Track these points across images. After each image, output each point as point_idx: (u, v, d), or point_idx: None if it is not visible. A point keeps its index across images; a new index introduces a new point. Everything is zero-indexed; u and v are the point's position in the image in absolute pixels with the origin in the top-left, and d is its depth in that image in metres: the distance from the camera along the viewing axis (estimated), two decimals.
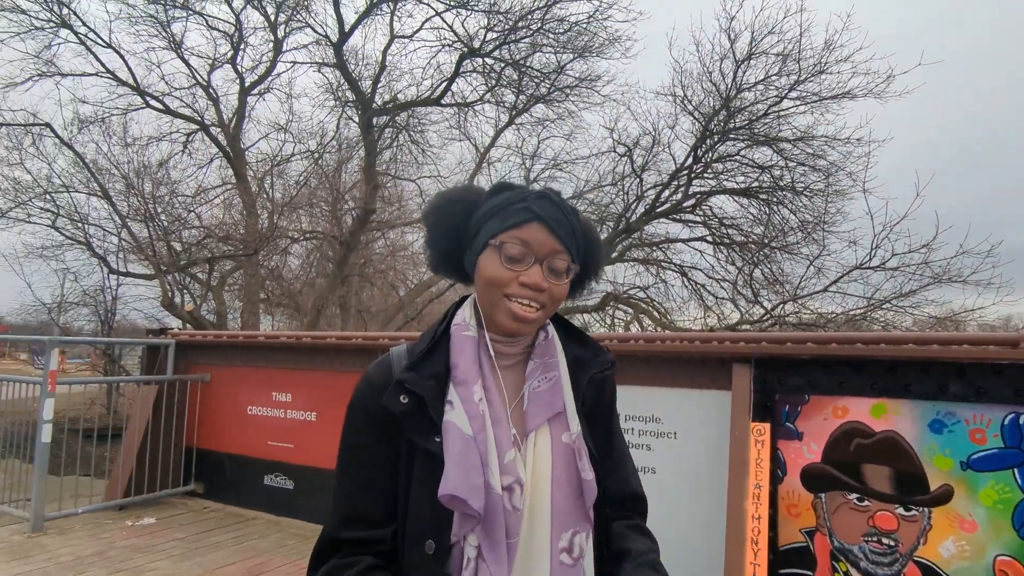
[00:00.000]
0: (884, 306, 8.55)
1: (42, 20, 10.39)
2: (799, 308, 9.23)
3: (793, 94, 9.24)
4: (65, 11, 10.47)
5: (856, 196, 9.01)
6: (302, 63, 12.24)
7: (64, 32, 10.63)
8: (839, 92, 9.02)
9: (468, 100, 12.14)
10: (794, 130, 9.33)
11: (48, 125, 10.92)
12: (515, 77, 11.53)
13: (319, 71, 12.18)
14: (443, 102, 11.75)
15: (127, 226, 11.07)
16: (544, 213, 0.95)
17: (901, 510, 3.22)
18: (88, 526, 4.74)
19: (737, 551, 3.25)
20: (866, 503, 3.33)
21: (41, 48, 10.72)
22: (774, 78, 9.33)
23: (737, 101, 9.48)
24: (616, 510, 1.06)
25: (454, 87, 11.68)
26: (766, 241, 9.92)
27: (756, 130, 9.50)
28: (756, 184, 9.98)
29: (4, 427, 5.59)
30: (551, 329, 1.05)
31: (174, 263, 11.03)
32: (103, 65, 11.19)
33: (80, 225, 11.43)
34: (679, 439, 3.88)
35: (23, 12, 10.16)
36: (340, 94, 12.46)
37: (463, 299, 1.06)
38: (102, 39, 11.00)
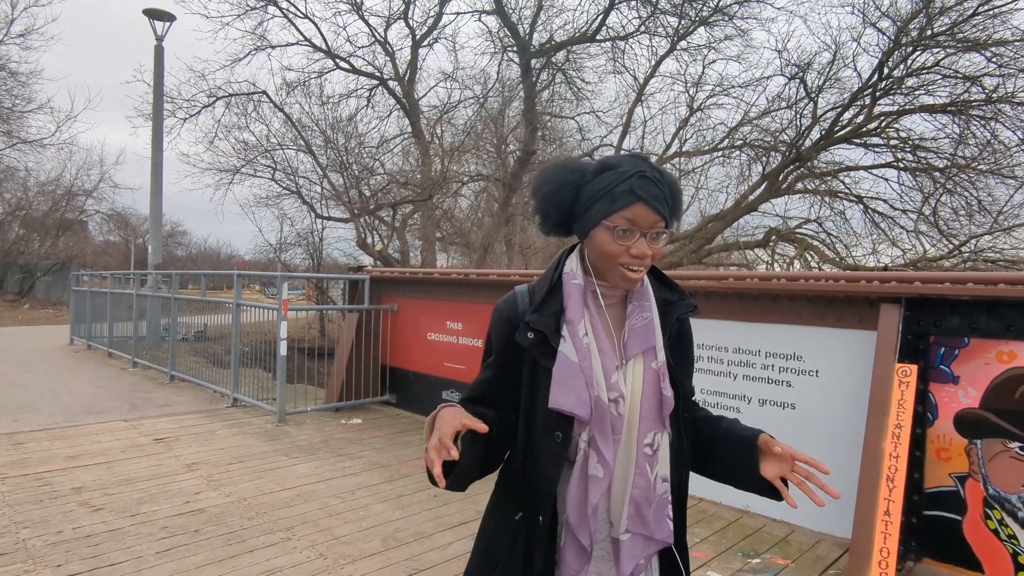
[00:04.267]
0: None
1: (254, 0, 12.10)
2: (995, 240, 7.94)
3: None
4: None
5: None
6: (464, 12, 12.76)
7: (272, 9, 12.29)
8: None
9: (625, 32, 11.84)
10: (1014, 29, 7.80)
11: (264, 92, 12.90)
12: (677, 1, 10.97)
13: (480, 20, 12.64)
14: (598, 38, 11.60)
15: (327, 176, 12.84)
16: (645, 194, 1.14)
17: None
18: (315, 421, 6.07)
19: (871, 487, 3.32)
20: None
21: (255, 25, 12.57)
22: None
23: (939, 0, 8.11)
24: (696, 407, 1.42)
25: (608, 21, 11.46)
26: (972, 164, 8.58)
27: (962, 34, 8.09)
28: (962, 98, 8.58)
29: (251, 344, 7.17)
30: (645, 277, 1.33)
31: (365, 207, 12.62)
32: (302, 34, 12.81)
33: (292, 177, 13.50)
34: (821, 377, 3.91)
35: None
36: (502, 35, 12.87)
37: (571, 248, 1.36)
38: (300, 10, 12.54)
